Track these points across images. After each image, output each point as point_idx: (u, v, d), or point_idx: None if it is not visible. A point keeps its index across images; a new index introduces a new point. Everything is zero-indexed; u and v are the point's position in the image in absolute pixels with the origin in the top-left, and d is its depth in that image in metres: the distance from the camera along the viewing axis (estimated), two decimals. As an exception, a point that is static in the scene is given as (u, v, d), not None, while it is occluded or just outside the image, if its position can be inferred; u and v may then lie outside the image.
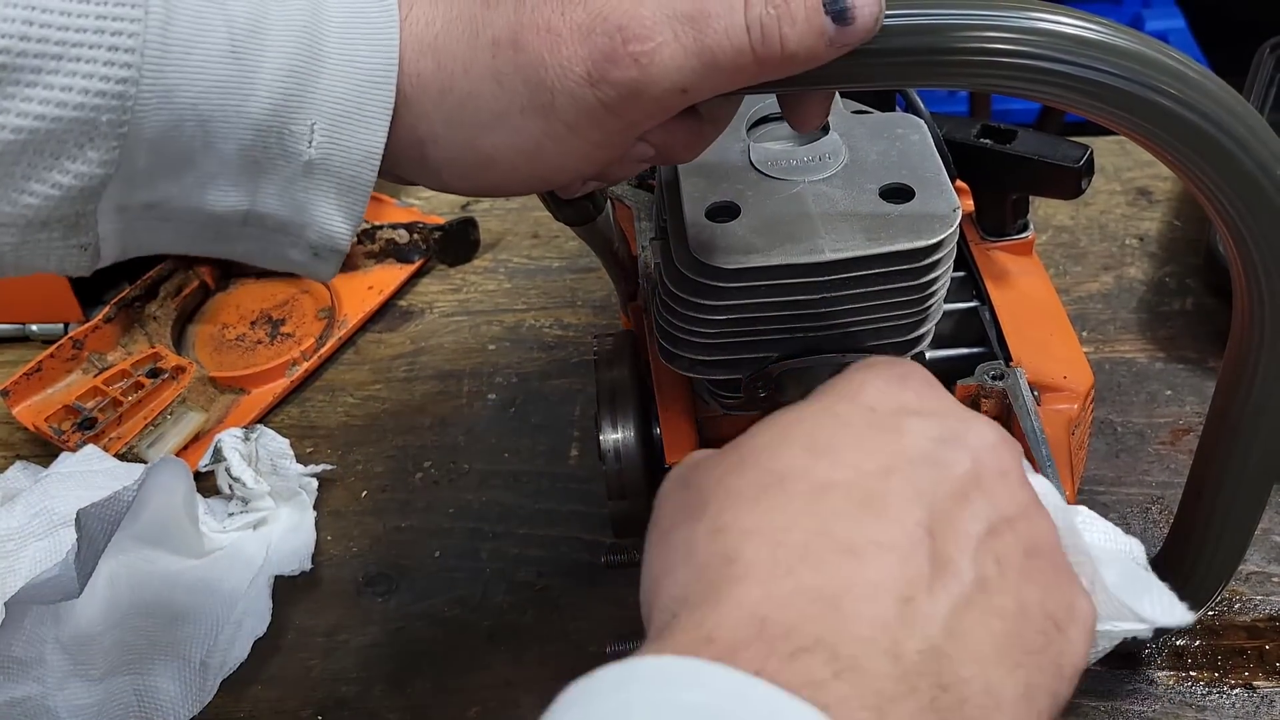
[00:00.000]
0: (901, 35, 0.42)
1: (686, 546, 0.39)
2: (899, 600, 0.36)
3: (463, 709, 0.70)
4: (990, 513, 0.39)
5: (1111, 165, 1.04)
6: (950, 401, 0.43)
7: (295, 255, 0.46)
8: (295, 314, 0.97)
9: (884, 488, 0.38)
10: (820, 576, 0.36)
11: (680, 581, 0.38)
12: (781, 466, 0.39)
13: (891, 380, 0.43)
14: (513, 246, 1.03)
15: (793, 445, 0.40)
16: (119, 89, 0.38)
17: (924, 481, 0.39)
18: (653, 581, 0.40)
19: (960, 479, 0.39)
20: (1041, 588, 0.39)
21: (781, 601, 0.35)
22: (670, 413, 0.61)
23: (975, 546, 0.38)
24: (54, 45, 0.37)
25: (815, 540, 0.37)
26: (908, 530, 0.37)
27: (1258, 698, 0.67)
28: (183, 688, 0.69)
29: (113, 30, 0.38)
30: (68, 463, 0.80)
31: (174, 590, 0.72)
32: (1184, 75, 0.42)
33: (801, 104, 0.49)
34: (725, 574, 0.37)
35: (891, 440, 0.40)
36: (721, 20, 0.40)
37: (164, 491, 0.70)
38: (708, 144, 0.50)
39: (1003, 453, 0.41)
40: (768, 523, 0.38)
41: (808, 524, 0.37)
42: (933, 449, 0.40)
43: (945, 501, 0.38)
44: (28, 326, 0.95)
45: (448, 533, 0.80)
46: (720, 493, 0.40)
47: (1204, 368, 0.86)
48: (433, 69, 0.43)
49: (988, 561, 0.38)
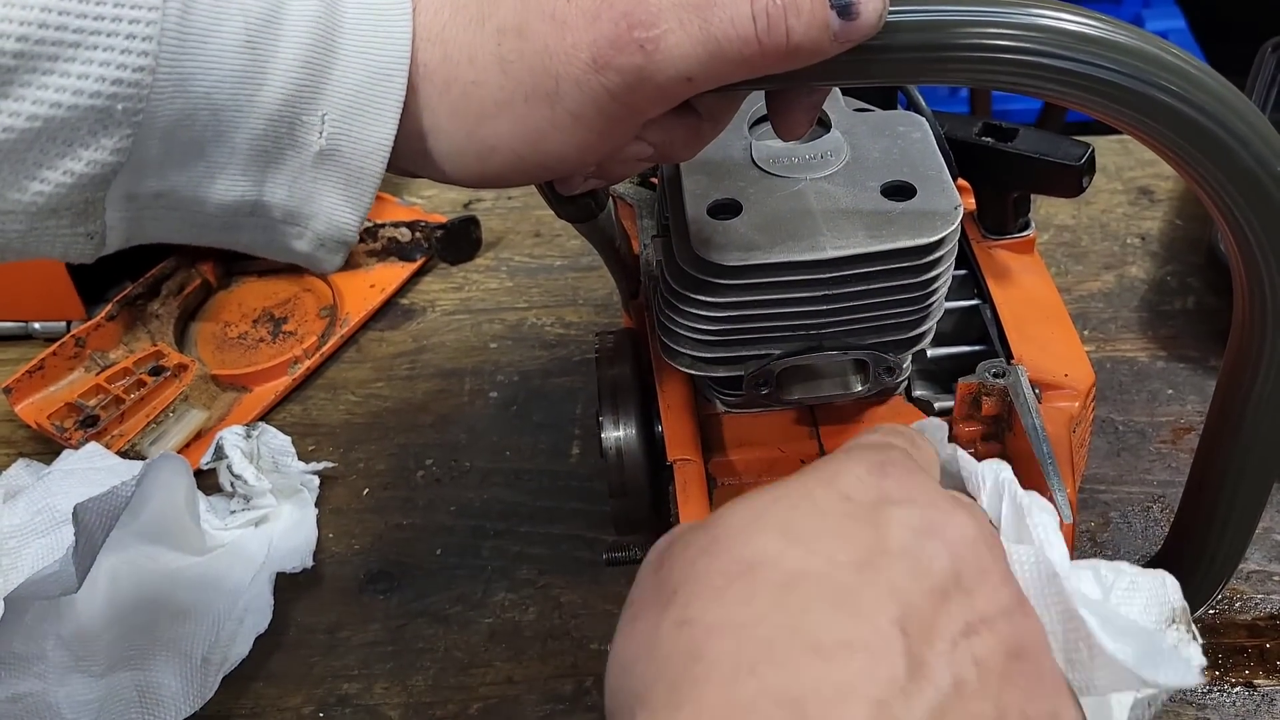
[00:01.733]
0: (905, 31, 0.42)
1: (651, 638, 0.37)
2: (870, 704, 0.34)
3: (464, 706, 0.70)
4: (969, 613, 0.37)
5: (1113, 164, 1.04)
6: (931, 490, 0.42)
7: (301, 246, 0.46)
8: (297, 312, 0.97)
9: (858, 582, 0.37)
10: (785, 677, 0.34)
11: (642, 676, 0.37)
12: (752, 553, 0.38)
13: (872, 468, 0.41)
14: (514, 245, 1.03)
15: (766, 530, 0.39)
16: (135, 77, 0.38)
17: (900, 577, 0.37)
18: (618, 669, 0.39)
19: (938, 576, 0.38)
20: (1023, 692, 0.37)
21: (744, 706, 0.34)
22: (672, 410, 0.61)
23: (952, 648, 0.36)
24: (72, 34, 0.37)
25: (782, 637, 0.35)
26: (880, 629, 0.35)
27: (1258, 696, 0.67)
28: (184, 684, 0.69)
29: (130, 19, 0.38)
30: (70, 460, 0.80)
31: (175, 587, 0.73)
32: (1185, 72, 0.42)
33: (789, 110, 0.49)
34: (687, 674, 0.35)
35: (868, 531, 0.39)
36: (727, 9, 0.40)
37: (165, 488, 0.70)
38: (706, 143, 0.50)
39: (984, 549, 0.40)
40: (734, 616, 0.36)
41: (776, 619, 0.36)
42: (911, 542, 0.38)
43: (922, 599, 0.37)
44: (30, 324, 0.95)
45: (449, 530, 0.80)
46: (690, 579, 0.38)
47: (1205, 366, 0.86)
48: (439, 59, 0.43)
49: (966, 664, 0.36)
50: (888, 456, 0.42)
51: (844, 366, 0.60)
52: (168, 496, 0.71)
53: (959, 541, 0.39)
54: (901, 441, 0.46)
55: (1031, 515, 0.44)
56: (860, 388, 0.59)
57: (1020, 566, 0.42)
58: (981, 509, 0.45)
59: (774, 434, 0.62)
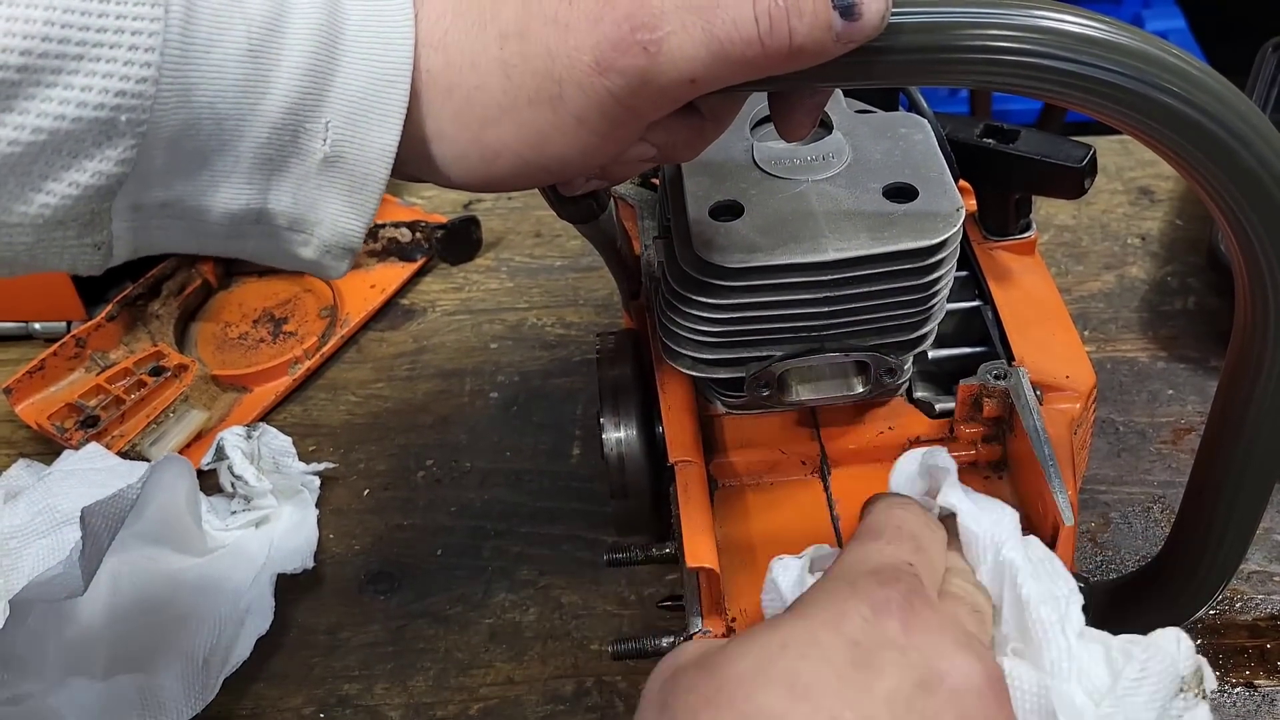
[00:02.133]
0: (907, 32, 0.42)
1: None
2: None
3: (464, 707, 0.70)
4: None
5: (1113, 165, 1.04)
6: (937, 627, 0.41)
7: (307, 253, 0.46)
8: (298, 312, 0.97)
9: None
10: None
11: None
12: (757, 710, 0.38)
13: (877, 606, 0.41)
14: (515, 245, 1.03)
15: (772, 684, 0.39)
16: (139, 88, 0.38)
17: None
18: None
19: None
20: None
21: None
22: (673, 411, 0.61)
23: None
24: (75, 45, 0.37)
25: None
26: None
27: (1259, 696, 0.67)
28: (185, 686, 0.69)
29: (133, 29, 0.37)
30: (70, 461, 0.80)
31: (177, 589, 0.72)
32: (1187, 73, 0.42)
33: (791, 111, 0.49)
34: None
35: (873, 682, 0.39)
36: (730, 11, 0.40)
37: (167, 490, 0.70)
38: (709, 143, 0.50)
39: (989, 699, 0.40)
40: None
41: None
42: (915, 698, 0.38)
43: None
44: (30, 325, 0.95)
45: (449, 531, 0.80)
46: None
47: (1205, 367, 0.86)
48: (442, 65, 0.43)
49: None
50: (893, 592, 0.42)
51: (845, 368, 0.60)
52: (170, 498, 0.71)
53: (964, 691, 0.39)
54: (908, 549, 0.45)
55: (1032, 610, 0.44)
56: (861, 389, 0.59)
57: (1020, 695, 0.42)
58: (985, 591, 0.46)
59: (775, 435, 0.62)
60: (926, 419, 0.62)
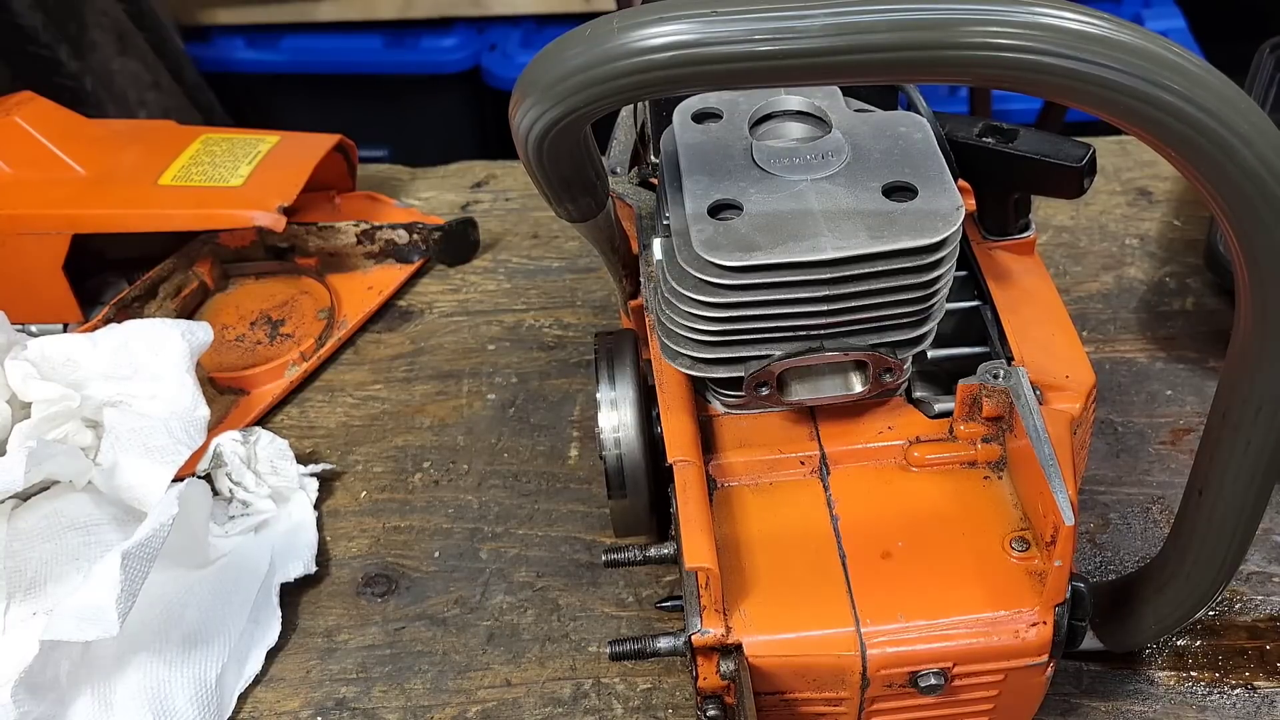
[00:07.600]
0: (908, 30, 0.42)
1: None
2: None
3: (462, 709, 0.70)
4: None
5: (1112, 165, 1.04)
6: None
7: None
8: (295, 314, 0.97)
9: None
10: None
11: None
12: None
13: None
14: (512, 246, 1.03)
15: None
16: None
17: None
18: None
19: None
20: None
21: None
22: (671, 411, 0.61)
23: None
24: None
25: None
26: None
27: (1258, 698, 0.67)
28: (200, 709, 0.68)
29: None
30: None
31: (185, 607, 0.71)
32: (1187, 70, 0.42)
33: None
34: None
35: None
36: None
37: (184, 515, 0.69)
38: None
39: None
40: None
41: None
42: None
43: None
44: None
45: (447, 533, 0.80)
46: None
47: (1204, 367, 0.86)
48: None
49: None
50: None
51: (844, 367, 0.60)
52: (184, 522, 0.70)
53: None
54: None
55: None
56: (861, 389, 0.59)
57: None
58: None
59: (774, 435, 0.62)
60: (926, 419, 0.61)
